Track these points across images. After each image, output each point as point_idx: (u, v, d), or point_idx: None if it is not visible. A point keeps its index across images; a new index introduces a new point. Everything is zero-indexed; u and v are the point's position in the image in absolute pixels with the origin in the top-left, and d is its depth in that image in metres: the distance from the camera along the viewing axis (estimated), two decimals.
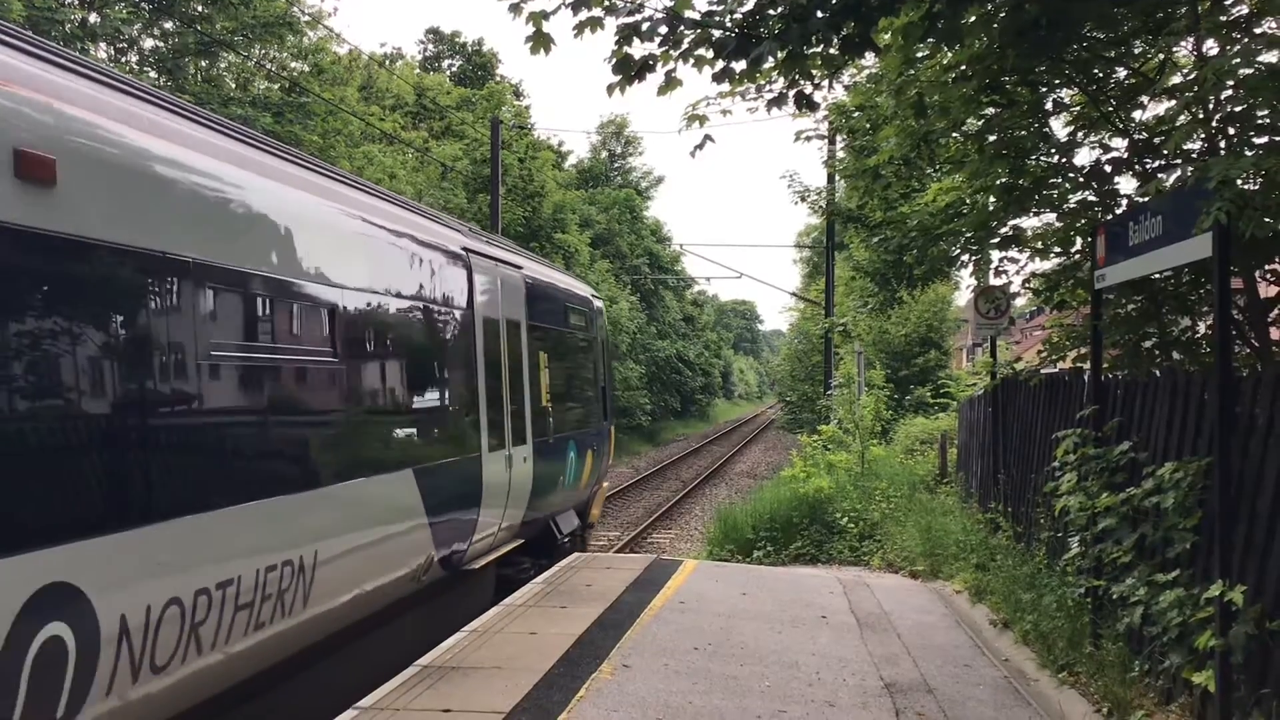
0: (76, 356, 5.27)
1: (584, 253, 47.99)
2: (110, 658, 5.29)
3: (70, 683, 5.04)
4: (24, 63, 5.29)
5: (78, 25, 24.06)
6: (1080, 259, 9.95)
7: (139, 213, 5.80)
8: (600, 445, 16.79)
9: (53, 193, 5.10)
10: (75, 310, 5.27)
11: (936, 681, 8.46)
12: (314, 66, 30.60)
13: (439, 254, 10.36)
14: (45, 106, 5.21)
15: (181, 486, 5.99)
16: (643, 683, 7.89)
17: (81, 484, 5.27)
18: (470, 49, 56.66)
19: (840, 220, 30.01)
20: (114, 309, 5.58)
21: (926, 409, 28.14)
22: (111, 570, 5.34)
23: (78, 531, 5.13)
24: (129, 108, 6.05)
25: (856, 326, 32.71)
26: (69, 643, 5.01)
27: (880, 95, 10.39)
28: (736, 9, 6.26)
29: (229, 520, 6.38)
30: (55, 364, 5.15)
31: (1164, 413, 7.48)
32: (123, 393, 5.54)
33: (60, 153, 5.18)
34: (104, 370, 5.45)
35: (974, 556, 12.15)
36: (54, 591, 4.93)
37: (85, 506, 5.28)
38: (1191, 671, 6.40)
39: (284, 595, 6.94)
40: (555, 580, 11.85)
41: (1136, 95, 8.81)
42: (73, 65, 5.78)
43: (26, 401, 4.95)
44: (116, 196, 5.64)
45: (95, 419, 5.38)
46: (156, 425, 5.80)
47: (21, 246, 4.94)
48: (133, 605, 5.47)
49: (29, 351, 4.99)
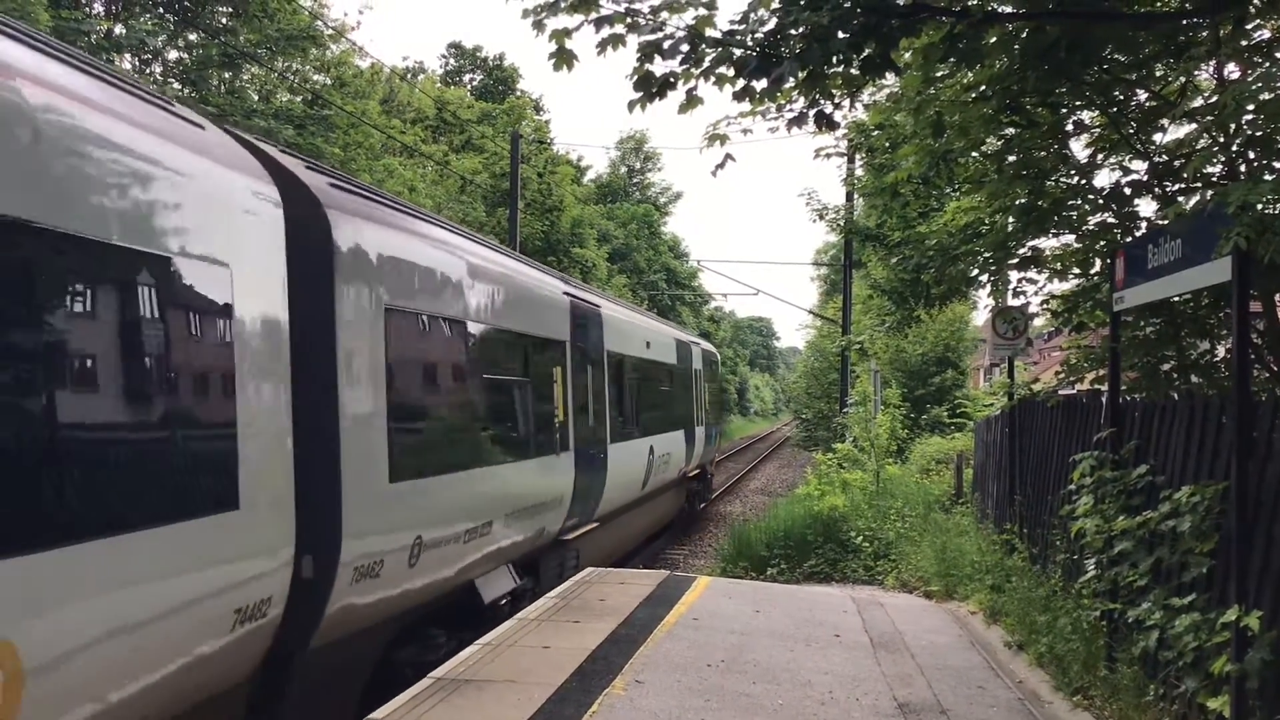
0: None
1: (601, 268, 48.11)
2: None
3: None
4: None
5: (103, 36, 24.30)
6: (1099, 281, 9.94)
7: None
8: (709, 434, 28.66)
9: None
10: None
11: (950, 703, 8.43)
12: (336, 79, 30.84)
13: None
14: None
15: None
16: (655, 699, 7.89)
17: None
18: (491, 63, 56.95)
19: (858, 238, 30.08)
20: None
21: (943, 429, 28.05)
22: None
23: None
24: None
25: (873, 345, 32.64)
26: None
27: (900, 114, 10.42)
28: (758, 29, 6.30)
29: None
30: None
31: (1181, 436, 7.46)
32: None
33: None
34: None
35: (989, 578, 12.11)
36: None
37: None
38: (1207, 696, 6.37)
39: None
40: (568, 595, 11.85)
41: (1157, 118, 8.81)
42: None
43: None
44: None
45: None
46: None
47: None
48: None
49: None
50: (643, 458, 18.38)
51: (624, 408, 17.20)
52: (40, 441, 4.98)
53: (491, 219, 39.41)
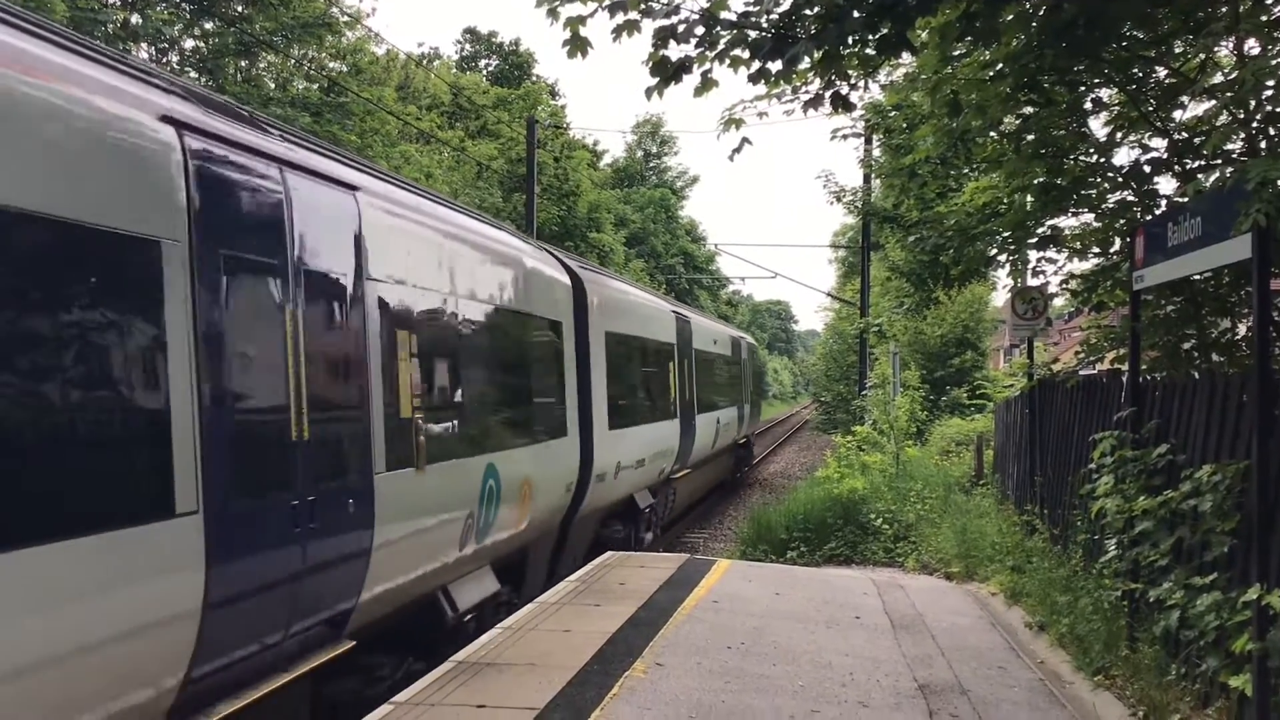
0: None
1: (619, 252, 48.11)
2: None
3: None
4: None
5: (119, 26, 24.38)
6: (1119, 260, 9.88)
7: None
8: (754, 410, 36.17)
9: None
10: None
11: (971, 683, 8.44)
12: (352, 66, 30.86)
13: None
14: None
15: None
16: (676, 681, 7.92)
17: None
18: (507, 49, 56.87)
19: (876, 220, 29.92)
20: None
21: (962, 410, 28.00)
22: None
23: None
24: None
25: (892, 327, 32.58)
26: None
27: (916, 94, 10.36)
28: (773, 9, 6.27)
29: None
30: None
31: (1202, 415, 7.43)
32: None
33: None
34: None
35: (1010, 559, 12.09)
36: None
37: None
38: (1229, 675, 6.35)
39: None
40: (589, 578, 11.90)
41: (1176, 95, 8.73)
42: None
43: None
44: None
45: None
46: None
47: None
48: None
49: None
50: (712, 426, 24.88)
51: (701, 390, 23.71)
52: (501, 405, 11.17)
53: (508, 205, 39.42)
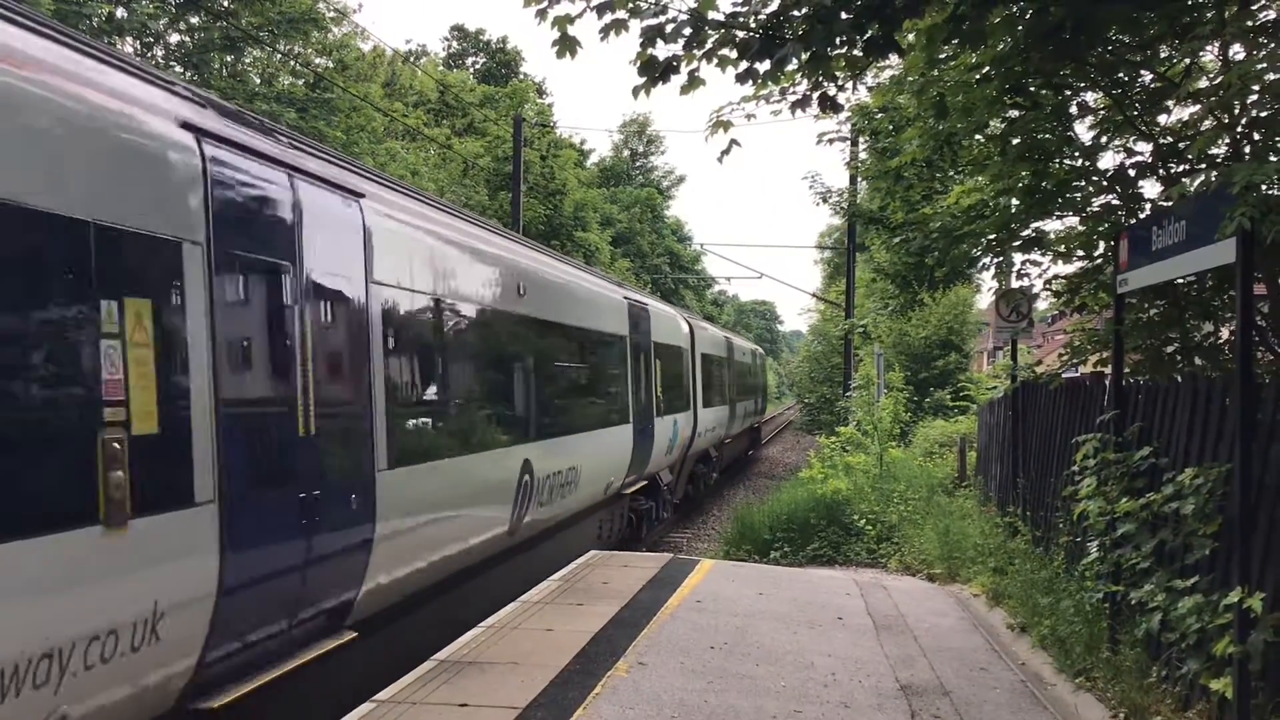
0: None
1: (605, 251, 48.08)
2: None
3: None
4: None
5: (104, 20, 24.24)
6: (1103, 263, 9.91)
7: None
8: (764, 403, 49.61)
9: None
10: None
11: (953, 684, 8.46)
12: (338, 62, 30.75)
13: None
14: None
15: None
16: (659, 681, 7.92)
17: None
18: (494, 47, 56.82)
19: (862, 221, 30.00)
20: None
21: (946, 412, 28.05)
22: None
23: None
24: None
25: (876, 328, 32.63)
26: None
27: (903, 96, 10.37)
28: (761, 10, 6.27)
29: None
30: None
31: (1185, 418, 7.46)
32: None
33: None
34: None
35: (992, 560, 12.12)
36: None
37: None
38: (1210, 678, 6.38)
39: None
40: (572, 577, 11.89)
41: (1161, 99, 8.76)
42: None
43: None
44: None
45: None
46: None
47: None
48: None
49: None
50: (743, 410, 34.35)
51: (741, 386, 34.08)
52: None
53: (494, 203, 39.36)
